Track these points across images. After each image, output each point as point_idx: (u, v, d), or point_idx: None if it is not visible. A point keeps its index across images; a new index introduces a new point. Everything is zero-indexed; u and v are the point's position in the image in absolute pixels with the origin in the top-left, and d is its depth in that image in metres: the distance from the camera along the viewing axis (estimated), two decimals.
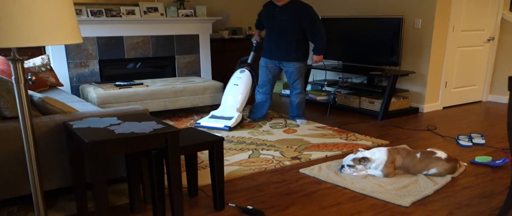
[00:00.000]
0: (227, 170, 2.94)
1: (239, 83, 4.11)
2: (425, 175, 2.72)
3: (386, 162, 2.73)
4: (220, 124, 3.89)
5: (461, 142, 3.41)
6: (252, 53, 4.32)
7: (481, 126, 3.96)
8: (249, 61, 4.29)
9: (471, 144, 3.35)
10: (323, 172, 2.85)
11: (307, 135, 3.80)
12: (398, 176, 2.73)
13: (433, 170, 2.69)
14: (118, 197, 2.46)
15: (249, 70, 4.22)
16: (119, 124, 2.04)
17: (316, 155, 3.23)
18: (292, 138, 3.70)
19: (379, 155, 2.76)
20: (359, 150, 2.90)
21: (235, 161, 3.13)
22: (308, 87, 5.75)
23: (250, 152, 3.34)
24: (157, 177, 2.10)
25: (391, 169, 2.73)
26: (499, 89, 5.05)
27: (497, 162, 2.90)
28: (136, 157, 2.18)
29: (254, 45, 4.31)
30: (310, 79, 5.51)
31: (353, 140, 3.60)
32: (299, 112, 4.23)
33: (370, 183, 2.64)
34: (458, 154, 3.13)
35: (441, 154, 2.73)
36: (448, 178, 2.66)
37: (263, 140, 3.64)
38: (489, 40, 4.91)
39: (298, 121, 4.21)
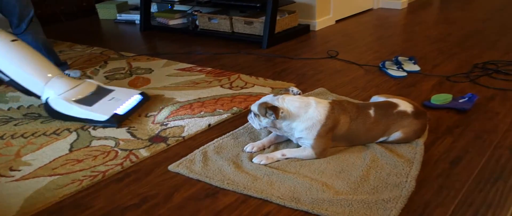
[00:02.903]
0: (25, 190, 1.42)
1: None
2: (381, 143, 1.63)
3: (320, 129, 1.54)
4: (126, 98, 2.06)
5: (390, 72, 2.41)
6: None
7: (393, 44, 3.05)
8: None
9: (405, 74, 2.38)
10: (213, 166, 1.54)
11: (167, 87, 2.39)
12: (339, 153, 1.58)
13: (396, 135, 1.60)
14: None
15: None
16: None
17: (191, 126, 1.88)
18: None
19: (313, 112, 1.54)
20: (289, 90, 1.67)
21: (43, 164, 1.61)
22: (154, 8, 4.17)
23: (73, 137, 1.83)
24: None
25: (328, 141, 1.56)
26: None
27: (461, 101, 1.96)
28: None
29: None
30: None
31: (242, 88, 2.32)
32: (54, 58, 2.54)
33: (303, 182, 1.42)
34: (398, 94, 2.12)
35: (405, 105, 1.64)
36: (418, 146, 1.61)
37: None
38: None
39: (71, 74, 2.55)
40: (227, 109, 2.04)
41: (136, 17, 4.10)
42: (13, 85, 2.02)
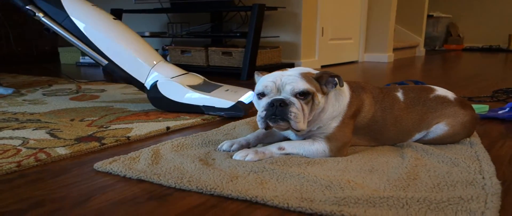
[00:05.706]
0: None
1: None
2: (418, 142, 1.11)
3: (345, 115, 1.03)
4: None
5: None
6: None
7: (393, 78, 2.64)
8: None
9: None
10: (167, 165, 0.97)
11: (119, 100, 1.84)
12: (361, 152, 1.04)
13: (439, 128, 1.10)
14: None
15: None
16: None
17: (142, 128, 1.31)
18: (87, 106, 1.70)
19: (340, 91, 1.04)
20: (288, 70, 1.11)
21: None
22: None
23: None
24: None
25: (349, 133, 1.03)
26: (375, 46, 3.95)
27: (501, 112, 1.51)
28: None
29: None
30: None
31: None
32: None
33: (316, 179, 0.86)
34: None
35: (443, 90, 1.16)
36: (475, 145, 1.09)
37: (17, 114, 1.56)
38: None
39: (1, 90, 2.06)
40: (194, 116, 1.50)
41: None
42: (111, 69, 1.63)
